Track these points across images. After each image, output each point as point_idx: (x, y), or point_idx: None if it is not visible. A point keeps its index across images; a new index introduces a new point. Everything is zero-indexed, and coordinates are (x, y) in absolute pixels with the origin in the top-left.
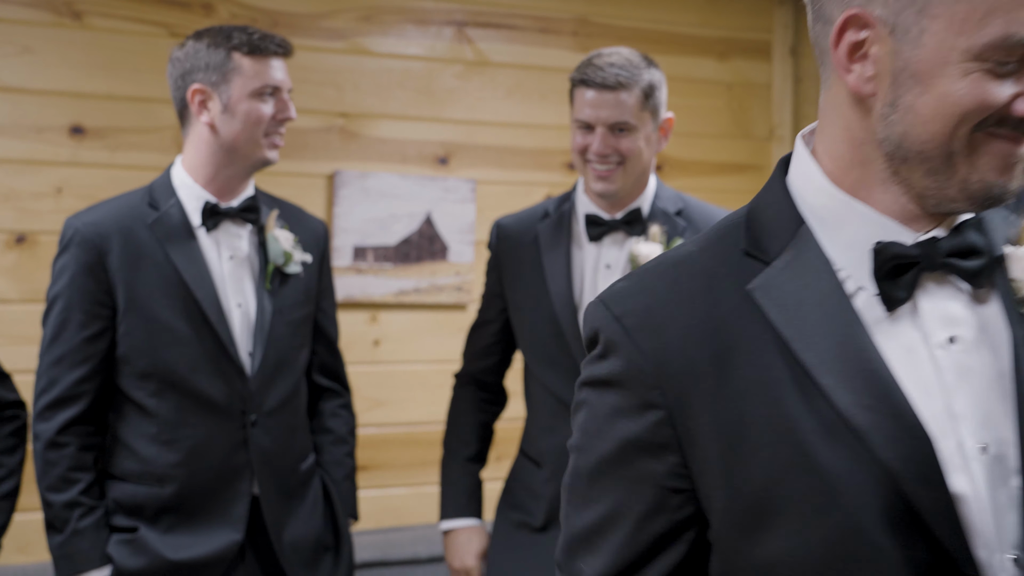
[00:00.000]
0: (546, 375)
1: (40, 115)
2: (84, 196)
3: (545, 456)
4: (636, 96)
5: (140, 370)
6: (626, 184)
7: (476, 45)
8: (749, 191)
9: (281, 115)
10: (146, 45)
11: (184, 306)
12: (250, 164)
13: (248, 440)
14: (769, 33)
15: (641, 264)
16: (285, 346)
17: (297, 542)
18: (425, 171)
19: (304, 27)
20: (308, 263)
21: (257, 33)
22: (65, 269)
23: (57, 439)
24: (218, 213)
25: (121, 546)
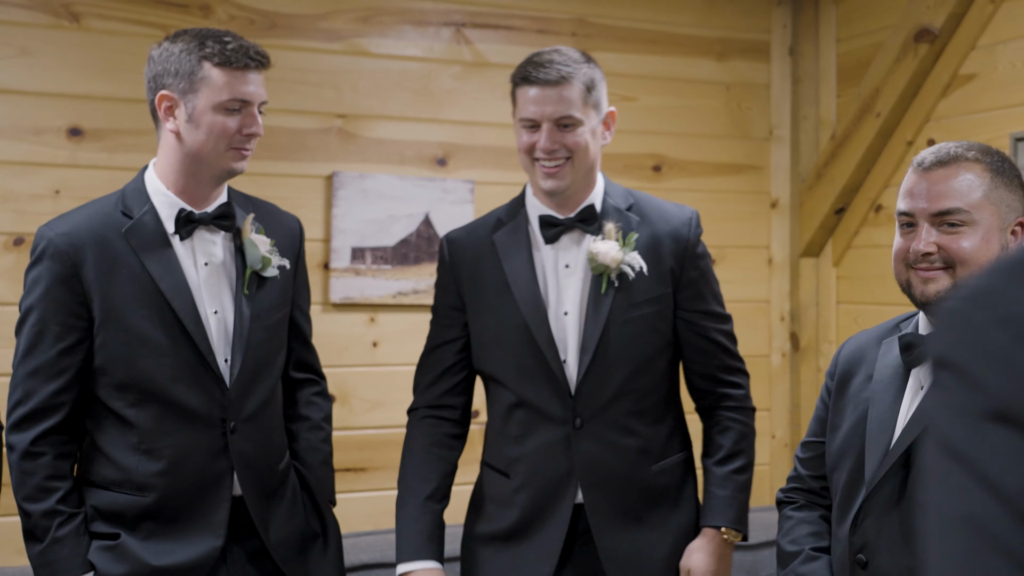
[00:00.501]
0: (515, 384)
1: (38, 117)
2: (82, 198)
3: (514, 465)
4: (578, 90)
5: (118, 381)
6: (575, 180)
7: (474, 46)
8: (749, 191)
9: (247, 130)
10: (144, 47)
11: (160, 315)
12: (216, 174)
13: (228, 447)
14: (767, 33)
15: (600, 262)
16: (264, 351)
17: (285, 538)
18: (423, 172)
19: (302, 28)
20: (285, 267)
21: (233, 43)
22: (39, 280)
23: (32, 449)
24: (192, 221)
25: (103, 552)
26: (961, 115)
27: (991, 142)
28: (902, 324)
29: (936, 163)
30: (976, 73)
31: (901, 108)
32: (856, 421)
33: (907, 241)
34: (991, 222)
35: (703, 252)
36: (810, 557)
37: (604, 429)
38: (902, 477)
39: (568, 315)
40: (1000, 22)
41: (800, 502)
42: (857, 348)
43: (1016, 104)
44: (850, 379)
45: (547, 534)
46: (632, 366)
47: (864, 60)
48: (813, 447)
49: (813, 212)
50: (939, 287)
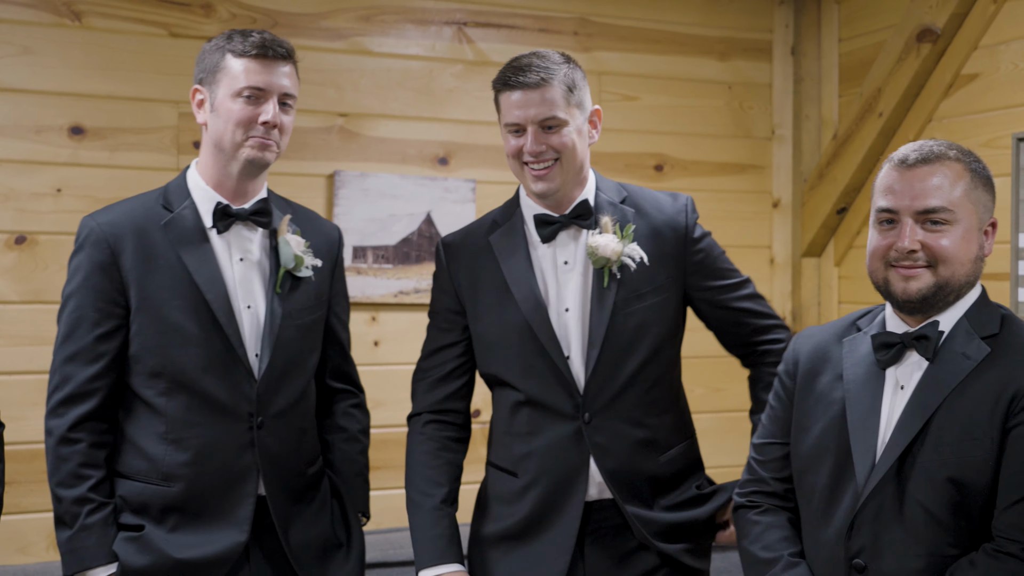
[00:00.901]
0: (521, 382)
1: (40, 115)
2: (84, 196)
3: (522, 463)
4: (560, 91)
5: (150, 369)
6: (565, 180)
7: (476, 45)
8: (750, 191)
9: (262, 118)
10: (146, 45)
11: (194, 307)
12: (240, 164)
13: (255, 442)
14: (770, 33)
15: (600, 255)
16: (294, 350)
17: (305, 542)
18: (425, 171)
19: (304, 27)
20: (319, 267)
21: (256, 36)
22: (79, 268)
23: (69, 435)
24: (229, 215)
25: (127, 543)
26: (963, 115)
27: (993, 142)
28: (859, 322)
29: (920, 160)
30: (978, 73)
31: (903, 108)
32: (830, 422)
33: (888, 238)
34: (970, 221)
35: (701, 234)
36: (790, 564)
37: (613, 422)
38: (899, 482)
39: (570, 311)
40: (1002, 22)
41: (764, 506)
42: (817, 347)
43: (1018, 104)
44: (815, 378)
45: (559, 531)
46: (640, 357)
47: (866, 60)
48: (773, 449)
49: (815, 212)
50: (921, 285)
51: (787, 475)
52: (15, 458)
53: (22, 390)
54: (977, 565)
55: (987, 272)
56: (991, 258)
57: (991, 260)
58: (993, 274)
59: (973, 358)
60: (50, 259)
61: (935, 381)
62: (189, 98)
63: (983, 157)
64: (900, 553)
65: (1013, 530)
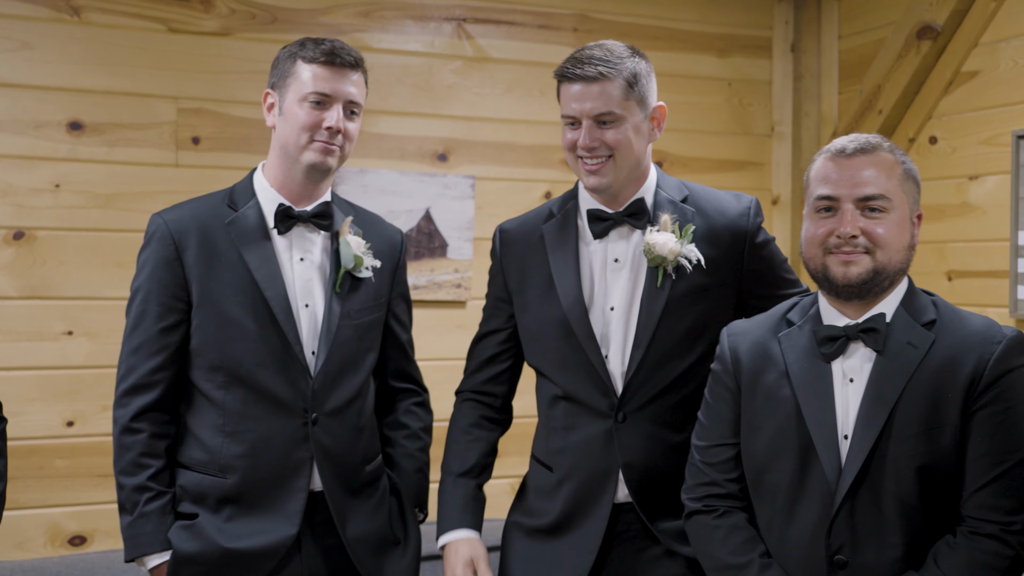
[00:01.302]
0: (558, 377)
1: (38, 110)
2: (82, 192)
3: (556, 457)
4: (619, 86)
5: (210, 363)
6: (619, 177)
7: (476, 41)
8: (750, 188)
9: (326, 124)
10: (145, 40)
11: (253, 304)
12: (303, 168)
13: (309, 437)
14: (769, 30)
15: (657, 253)
16: (351, 349)
17: (362, 536)
18: (424, 167)
19: (303, 23)
20: (378, 268)
21: (327, 44)
22: (146, 263)
23: (132, 425)
24: (291, 217)
25: (180, 530)
26: (963, 112)
27: (993, 139)
28: (789, 315)
29: (858, 150)
30: (978, 70)
31: (903, 105)
32: (784, 420)
33: (826, 225)
34: (903, 211)
35: (764, 240)
36: (764, 565)
37: (647, 424)
38: (870, 476)
39: (615, 310)
40: (1002, 19)
41: (720, 509)
42: (755, 344)
43: (1018, 101)
44: (759, 377)
45: (587, 530)
46: (687, 361)
47: (866, 57)
48: (721, 450)
49: None
50: (860, 269)
51: (738, 475)
52: (13, 454)
53: (20, 386)
54: (956, 548)
55: (986, 269)
56: (991, 256)
57: (991, 258)
58: (992, 272)
59: (920, 347)
60: (48, 255)
61: (888, 373)
62: (185, 95)
63: (983, 154)
64: (879, 545)
65: (986, 511)
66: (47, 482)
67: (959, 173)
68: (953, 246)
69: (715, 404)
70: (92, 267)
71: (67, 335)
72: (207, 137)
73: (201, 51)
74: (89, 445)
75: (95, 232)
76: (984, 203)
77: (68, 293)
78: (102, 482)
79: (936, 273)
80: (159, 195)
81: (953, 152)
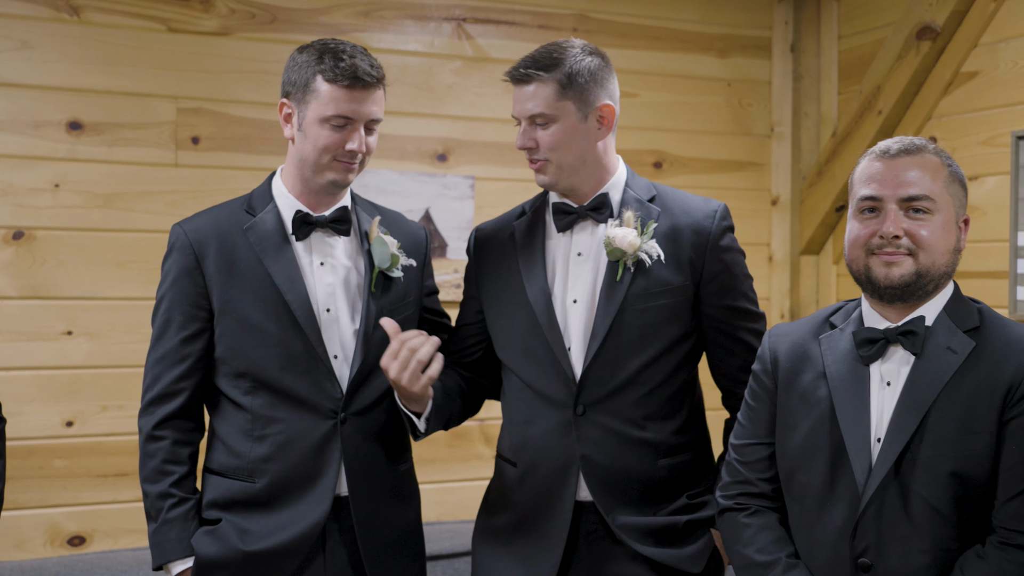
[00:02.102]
0: (522, 368)
1: (38, 110)
2: (82, 192)
3: (519, 452)
4: (550, 87)
5: (235, 370)
6: (561, 176)
7: (475, 41)
8: (749, 188)
9: (349, 146)
10: (144, 40)
11: (274, 308)
12: (322, 184)
13: (338, 438)
14: (769, 30)
15: (616, 247)
16: (382, 348)
17: (380, 541)
18: (424, 167)
19: (302, 23)
20: (411, 267)
21: (347, 60)
22: (169, 272)
23: (154, 432)
24: (309, 223)
25: (203, 536)
26: (963, 113)
27: (993, 140)
28: (832, 318)
29: (902, 151)
30: (978, 71)
31: (903, 106)
32: (818, 421)
33: (870, 226)
34: (948, 213)
35: (728, 246)
36: (790, 565)
37: (606, 417)
38: (900, 479)
39: (577, 303)
40: (1002, 20)
41: (752, 508)
42: (795, 345)
43: (1018, 102)
44: (796, 377)
45: (551, 528)
46: (643, 357)
47: (866, 57)
48: (756, 449)
49: (814, 209)
50: (903, 271)
51: (772, 475)
52: (12, 454)
53: (19, 386)
54: (986, 558)
55: (986, 270)
56: (990, 256)
57: (990, 258)
58: (992, 272)
59: (960, 352)
60: (48, 254)
61: (925, 377)
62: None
63: (982, 155)
64: (905, 550)
65: (1018, 521)
66: (46, 482)
67: None
68: None
69: (752, 403)
70: (91, 267)
71: (66, 335)
72: (207, 137)
73: (201, 51)
74: (88, 445)
75: (94, 232)
76: (984, 204)
77: (67, 293)
78: (101, 482)
79: None
80: (159, 195)
81: (953, 153)
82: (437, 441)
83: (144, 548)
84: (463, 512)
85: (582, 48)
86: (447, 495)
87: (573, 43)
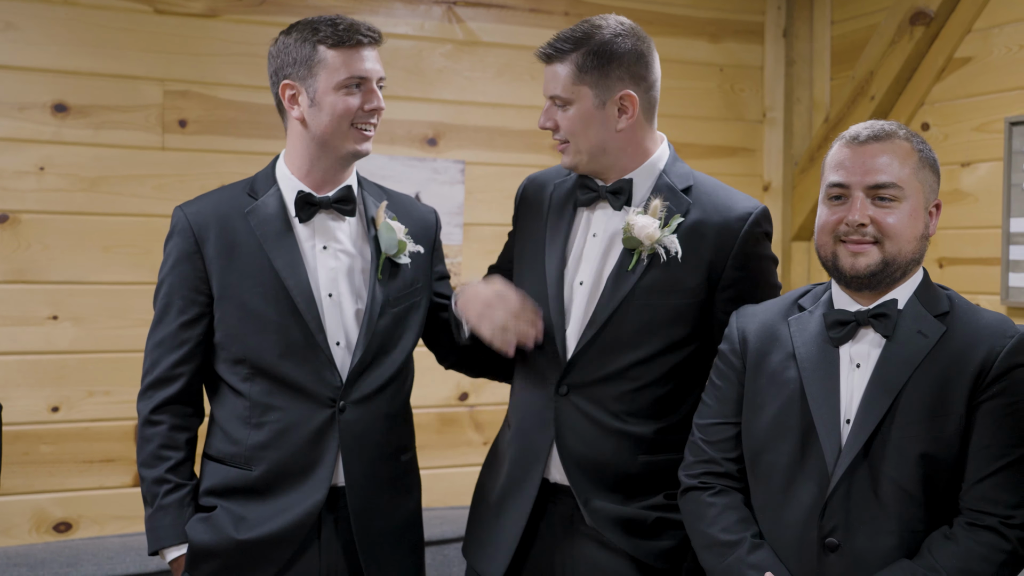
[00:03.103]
0: None
1: (23, 92)
2: (67, 175)
3: (513, 414)
4: (567, 69)
5: (233, 356)
6: (581, 159)
7: (466, 24)
8: (742, 174)
9: (368, 105)
10: (131, 22)
11: (275, 293)
12: (341, 156)
13: (335, 427)
14: (762, 15)
15: (633, 235)
16: (388, 337)
17: (377, 530)
18: (414, 152)
19: (291, 5)
20: (419, 253)
21: (343, 23)
22: (169, 255)
23: (151, 417)
24: (312, 204)
25: (197, 523)
26: (956, 99)
27: (986, 126)
28: (801, 300)
29: (871, 137)
30: (971, 56)
31: (895, 91)
32: (787, 401)
33: (837, 213)
34: (917, 200)
35: (755, 253)
36: (755, 545)
37: (587, 404)
38: (870, 460)
39: (583, 285)
40: (996, 5)
41: (716, 487)
42: (763, 326)
43: (1011, 88)
44: (765, 357)
45: (520, 502)
46: (638, 353)
47: (859, 43)
48: (722, 428)
49: (806, 196)
50: (869, 260)
51: (737, 455)
52: None
53: (4, 371)
54: (954, 539)
55: (978, 257)
56: (982, 243)
57: (982, 245)
58: (984, 259)
59: (930, 336)
60: (33, 238)
61: (897, 359)
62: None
63: (975, 141)
64: (873, 530)
65: (986, 503)
66: (32, 468)
67: (951, 160)
68: (945, 233)
69: (719, 383)
70: (77, 251)
71: (52, 320)
72: (194, 120)
73: (188, 33)
74: (74, 431)
75: (80, 216)
76: (976, 190)
77: (53, 277)
78: (87, 468)
79: (927, 260)
80: (145, 178)
81: (945, 139)
82: (427, 427)
83: (130, 534)
84: (453, 499)
85: (615, 29)
86: (437, 481)
87: (607, 22)
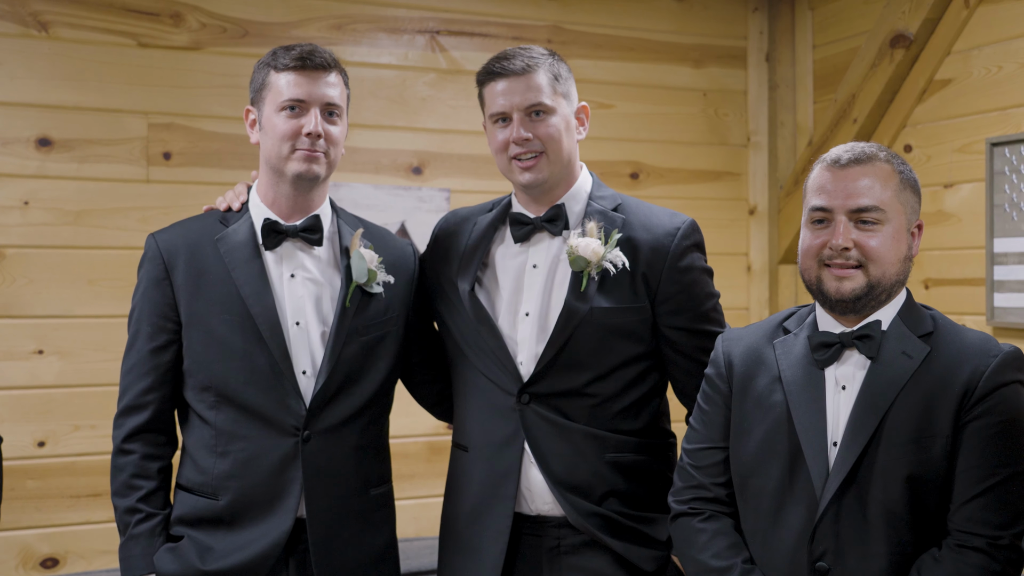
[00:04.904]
0: (479, 361)
1: (7, 127)
2: (52, 209)
3: (470, 435)
4: (546, 79)
5: (200, 383)
6: (553, 172)
7: (449, 53)
8: (727, 198)
9: (305, 129)
10: (114, 56)
11: (241, 322)
12: (290, 180)
13: (300, 456)
14: (744, 40)
15: (579, 255)
16: (354, 366)
17: (343, 566)
18: (399, 181)
19: (275, 36)
20: (392, 284)
21: (297, 49)
22: (140, 281)
23: (123, 446)
24: (278, 232)
25: (164, 553)
26: (937, 120)
27: (967, 147)
28: (786, 323)
29: (852, 161)
30: (952, 78)
31: (878, 114)
32: (773, 425)
33: (821, 237)
34: (899, 222)
35: (688, 266)
36: (746, 571)
37: (551, 411)
38: (857, 483)
39: (529, 316)
40: (975, 27)
41: (707, 512)
42: (749, 349)
43: (991, 109)
44: (751, 381)
45: (495, 524)
46: (595, 371)
47: (840, 66)
48: (710, 453)
49: (791, 219)
50: (855, 285)
51: (726, 480)
52: None
53: None
54: (942, 561)
55: (963, 277)
56: (967, 263)
57: (967, 265)
58: (969, 279)
59: (915, 357)
60: (18, 272)
61: (882, 381)
62: (156, 110)
63: (957, 162)
64: (863, 554)
65: (974, 524)
66: (18, 503)
67: (934, 181)
68: (929, 254)
69: (705, 407)
70: (62, 285)
71: (37, 354)
72: (178, 152)
73: (172, 66)
74: (61, 466)
75: (65, 249)
76: (959, 211)
77: (38, 311)
78: (74, 503)
79: (913, 281)
80: (130, 211)
81: (928, 160)
82: (415, 456)
83: (117, 570)
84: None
85: (547, 49)
86: (425, 511)
87: (533, 46)
